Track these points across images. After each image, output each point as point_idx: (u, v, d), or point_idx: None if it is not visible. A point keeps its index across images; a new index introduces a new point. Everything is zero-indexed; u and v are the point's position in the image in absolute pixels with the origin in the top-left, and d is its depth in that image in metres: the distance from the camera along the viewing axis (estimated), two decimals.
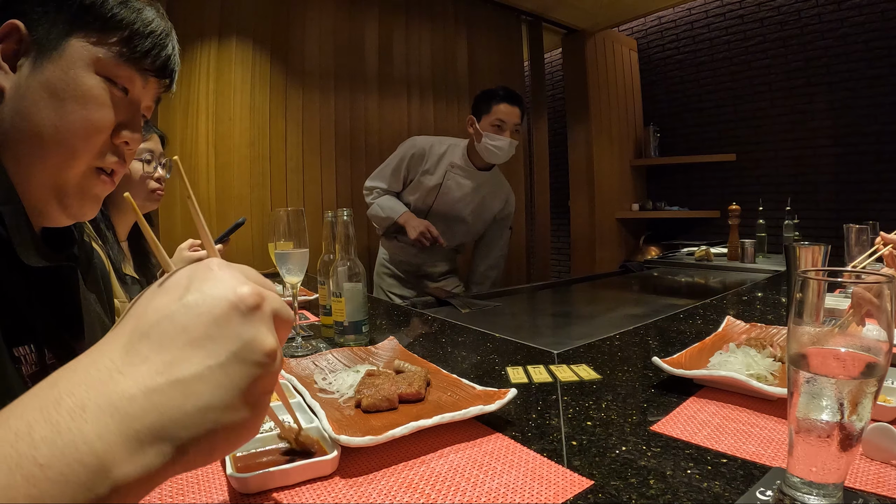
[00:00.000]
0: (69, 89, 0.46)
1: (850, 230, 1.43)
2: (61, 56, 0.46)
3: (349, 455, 0.53)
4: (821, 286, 0.40)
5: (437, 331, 1.12)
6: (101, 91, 0.48)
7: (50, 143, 0.46)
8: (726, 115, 3.40)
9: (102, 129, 0.48)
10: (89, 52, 0.47)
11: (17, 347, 0.44)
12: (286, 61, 2.44)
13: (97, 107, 0.47)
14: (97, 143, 0.48)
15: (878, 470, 0.46)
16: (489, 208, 2.03)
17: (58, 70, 0.46)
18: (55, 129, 0.46)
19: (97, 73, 0.47)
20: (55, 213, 0.50)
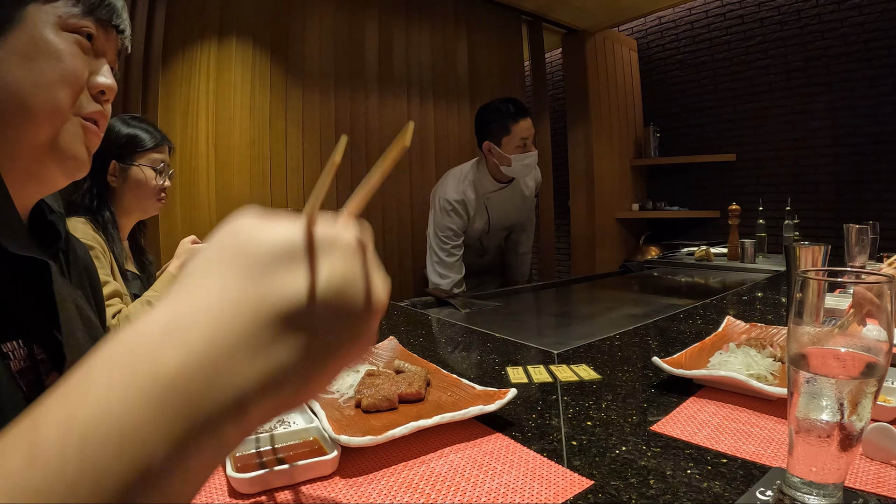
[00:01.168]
0: (39, 49, 0.48)
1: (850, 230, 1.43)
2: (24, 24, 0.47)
3: (349, 455, 0.53)
4: (821, 286, 0.40)
5: (437, 331, 1.12)
6: (70, 44, 0.50)
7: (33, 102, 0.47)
8: (726, 115, 3.40)
9: (79, 77, 0.50)
10: (47, 13, 0.49)
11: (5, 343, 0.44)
12: (286, 61, 2.44)
13: (70, 58, 0.49)
14: (76, 92, 0.50)
15: (878, 470, 0.46)
16: (528, 197, 2.10)
17: (24, 36, 0.47)
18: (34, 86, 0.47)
19: (62, 30, 0.49)
20: (53, 173, 0.51)
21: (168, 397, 0.19)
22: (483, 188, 1.94)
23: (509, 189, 1.97)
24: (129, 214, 1.22)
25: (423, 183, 2.88)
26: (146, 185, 1.19)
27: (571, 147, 3.68)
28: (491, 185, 1.93)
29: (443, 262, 1.96)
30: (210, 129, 2.23)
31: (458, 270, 1.95)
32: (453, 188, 1.96)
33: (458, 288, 1.94)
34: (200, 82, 2.20)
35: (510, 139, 1.80)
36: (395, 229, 2.77)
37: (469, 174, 1.96)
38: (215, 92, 2.24)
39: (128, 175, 1.17)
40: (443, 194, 1.98)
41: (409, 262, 2.81)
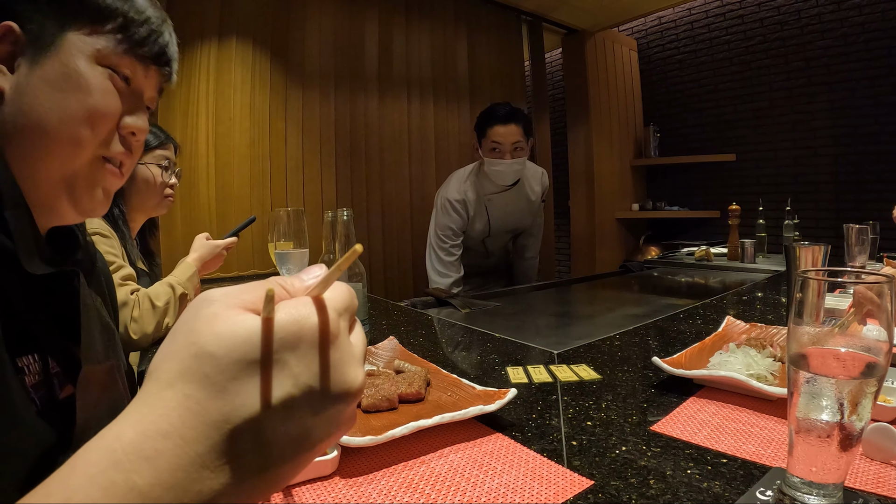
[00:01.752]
0: (70, 81, 0.46)
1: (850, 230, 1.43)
2: (59, 50, 0.46)
3: (349, 455, 0.53)
4: (821, 286, 0.40)
5: (437, 331, 1.12)
6: (103, 80, 0.48)
7: (55, 135, 0.46)
8: (726, 115, 3.40)
9: (107, 117, 0.48)
10: (86, 44, 0.47)
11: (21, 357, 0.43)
12: (286, 61, 2.44)
13: (100, 95, 0.47)
14: (102, 132, 0.49)
15: (878, 470, 0.46)
16: (532, 201, 2.10)
17: (57, 63, 0.46)
18: (59, 120, 0.46)
19: (98, 64, 0.48)
20: (66, 210, 0.50)
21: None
22: (484, 189, 1.94)
23: (512, 192, 1.97)
24: (137, 212, 1.24)
25: (422, 183, 2.88)
26: (152, 182, 1.21)
27: (571, 147, 3.68)
28: (492, 187, 1.93)
29: (441, 260, 1.95)
30: (210, 129, 2.23)
31: (456, 270, 1.94)
32: (455, 188, 1.96)
33: (458, 287, 1.94)
34: (200, 82, 2.20)
35: (485, 141, 1.82)
36: (394, 229, 2.78)
37: (472, 175, 1.96)
38: (215, 92, 2.24)
39: (134, 173, 1.19)
40: (444, 193, 1.98)
41: (409, 263, 2.82)
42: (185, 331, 0.23)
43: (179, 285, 1.07)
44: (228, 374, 0.22)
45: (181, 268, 1.14)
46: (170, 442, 0.21)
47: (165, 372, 0.22)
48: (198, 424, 0.21)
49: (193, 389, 0.22)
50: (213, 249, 1.24)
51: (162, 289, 1.04)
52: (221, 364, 0.22)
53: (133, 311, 0.96)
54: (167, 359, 0.23)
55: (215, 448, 0.21)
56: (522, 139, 1.81)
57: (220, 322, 0.23)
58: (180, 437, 0.21)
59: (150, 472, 0.20)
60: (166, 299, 1.02)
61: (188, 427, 0.21)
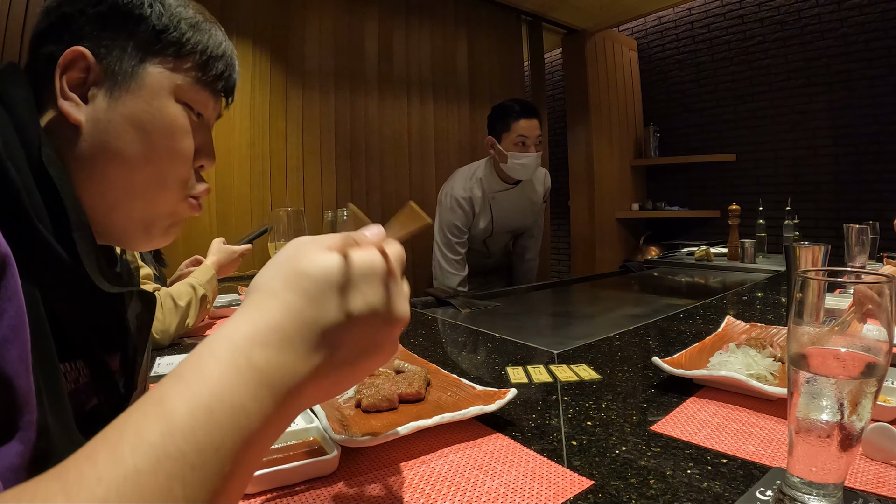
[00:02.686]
0: (155, 121, 0.45)
1: (850, 230, 1.43)
2: (141, 86, 0.45)
3: (349, 455, 0.53)
4: (821, 286, 0.40)
5: (437, 331, 1.12)
6: (184, 119, 0.48)
7: (141, 177, 0.46)
8: (726, 115, 3.40)
9: (188, 157, 0.49)
10: (168, 80, 0.46)
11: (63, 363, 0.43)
12: (286, 61, 2.44)
13: (182, 136, 0.47)
14: (184, 172, 0.49)
15: (878, 470, 0.46)
16: (535, 201, 2.11)
17: (140, 101, 0.45)
18: (145, 160, 0.45)
19: (177, 101, 0.47)
20: (138, 241, 0.50)
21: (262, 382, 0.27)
22: (490, 187, 1.94)
23: (516, 191, 1.97)
24: None
25: (422, 183, 2.88)
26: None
27: (571, 147, 3.68)
28: (497, 185, 1.94)
29: (448, 259, 1.95)
30: None
31: (463, 268, 1.94)
32: (461, 185, 1.96)
33: (465, 286, 1.93)
34: None
35: (509, 135, 1.82)
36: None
37: (477, 172, 1.97)
38: None
39: None
40: (450, 191, 1.98)
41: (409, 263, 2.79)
42: (286, 258, 0.31)
43: (200, 286, 1.08)
44: (319, 291, 0.30)
45: (201, 270, 1.16)
46: (276, 334, 0.28)
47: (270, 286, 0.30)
48: (296, 323, 0.29)
49: (294, 298, 0.29)
50: (231, 254, 1.26)
51: (184, 289, 1.05)
52: (316, 282, 0.30)
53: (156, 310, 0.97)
54: (272, 278, 0.31)
55: (308, 341, 0.29)
56: (542, 133, 1.86)
57: (315, 254, 0.31)
58: (284, 330, 0.28)
59: (264, 354, 0.28)
60: (188, 299, 1.03)
61: (289, 323, 0.29)
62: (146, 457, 0.23)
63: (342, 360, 0.31)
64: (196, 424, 0.24)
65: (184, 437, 0.24)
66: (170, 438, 0.24)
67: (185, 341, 1.02)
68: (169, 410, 0.25)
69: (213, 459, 0.24)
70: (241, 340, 0.28)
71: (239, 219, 2.30)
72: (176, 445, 0.24)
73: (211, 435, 0.25)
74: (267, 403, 0.27)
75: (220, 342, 0.28)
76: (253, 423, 0.26)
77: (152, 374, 0.81)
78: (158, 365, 0.86)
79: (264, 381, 0.27)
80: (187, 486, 0.23)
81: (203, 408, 0.25)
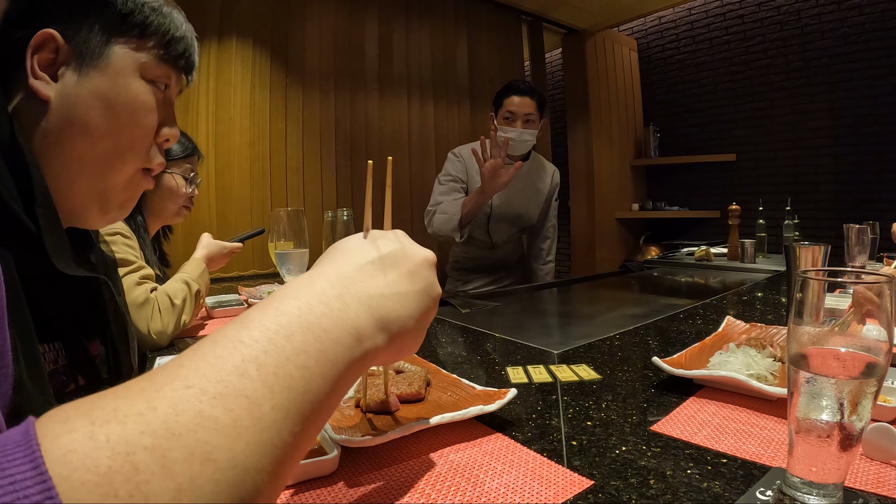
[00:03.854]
0: (121, 97, 0.48)
1: (850, 230, 1.43)
2: (108, 64, 0.48)
3: (349, 455, 0.53)
4: (821, 286, 0.40)
5: (437, 331, 1.12)
6: (148, 96, 0.50)
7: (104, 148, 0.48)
8: (726, 115, 3.40)
9: (150, 131, 0.51)
10: (133, 58, 0.49)
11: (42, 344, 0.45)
12: (286, 61, 2.44)
13: (147, 111, 0.50)
14: (146, 146, 0.51)
15: (878, 470, 0.46)
16: (540, 191, 2.12)
17: (107, 78, 0.47)
18: (108, 133, 0.48)
19: (142, 78, 0.50)
20: (93, 217, 0.52)
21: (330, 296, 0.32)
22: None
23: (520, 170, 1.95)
24: (155, 218, 1.26)
25: (422, 183, 2.88)
26: (177, 192, 1.23)
27: (571, 147, 3.68)
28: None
29: (438, 202, 1.93)
30: (210, 129, 2.23)
31: (456, 209, 1.89)
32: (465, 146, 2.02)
33: (462, 229, 1.88)
34: (200, 82, 2.20)
35: (501, 111, 1.88)
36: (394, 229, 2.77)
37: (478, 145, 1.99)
38: (215, 92, 2.24)
39: (160, 181, 1.21)
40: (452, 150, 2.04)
41: None
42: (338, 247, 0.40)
43: (193, 281, 1.08)
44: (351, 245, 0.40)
45: (192, 264, 1.15)
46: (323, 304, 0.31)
47: (333, 255, 0.38)
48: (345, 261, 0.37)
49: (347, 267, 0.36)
50: (221, 249, 1.26)
51: (178, 285, 1.04)
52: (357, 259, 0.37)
53: (153, 310, 0.97)
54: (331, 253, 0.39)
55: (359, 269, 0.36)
56: (535, 113, 1.86)
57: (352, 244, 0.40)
58: (340, 265, 0.36)
59: (325, 313, 0.31)
60: (183, 296, 1.03)
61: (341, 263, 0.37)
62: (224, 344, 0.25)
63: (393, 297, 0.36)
64: (265, 320, 0.28)
65: (256, 328, 0.27)
66: (243, 330, 0.26)
67: (187, 340, 1.02)
68: (240, 318, 0.28)
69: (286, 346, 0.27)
70: (320, 287, 0.32)
71: (239, 219, 2.30)
72: (248, 334, 0.26)
73: (281, 326, 0.27)
74: (334, 306, 0.31)
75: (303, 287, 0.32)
76: (322, 321, 0.29)
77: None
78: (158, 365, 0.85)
79: (326, 292, 0.32)
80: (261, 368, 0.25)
81: (273, 309, 0.29)
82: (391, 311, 0.35)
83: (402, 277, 0.37)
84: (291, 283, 0.33)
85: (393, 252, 0.38)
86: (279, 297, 0.30)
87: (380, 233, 0.41)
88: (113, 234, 1.03)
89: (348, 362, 0.30)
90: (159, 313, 0.97)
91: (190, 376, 0.23)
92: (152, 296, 0.98)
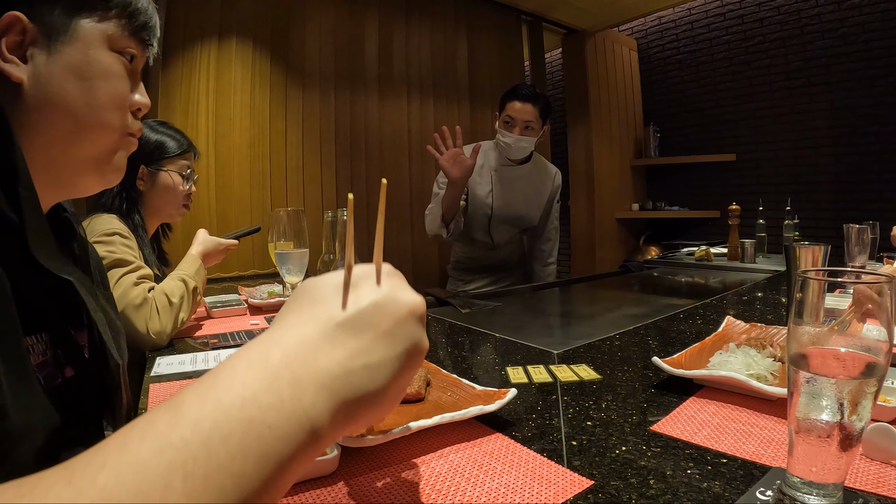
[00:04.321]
0: (93, 68, 0.49)
1: (850, 230, 1.43)
2: (76, 39, 0.49)
3: (349, 455, 0.53)
4: (821, 286, 0.40)
5: (437, 331, 1.12)
6: (119, 65, 0.52)
7: (85, 121, 0.49)
8: (726, 115, 3.40)
9: (126, 99, 0.53)
10: (100, 31, 0.50)
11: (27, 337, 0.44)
12: (286, 61, 2.44)
13: (119, 80, 0.52)
14: (125, 112, 0.53)
15: (878, 470, 0.46)
16: (541, 192, 2.11)
17: (77, 52, 0.48)
18: (88, 107, 0.49)
19: (110, 49, 0.51)
20: (92, 183, 0.54)
21: (276, 374, 0.27)
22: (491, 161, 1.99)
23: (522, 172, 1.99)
24: (153, 217, 1.25)
25: (422, 184, 2.88)
26: (174, 190, 1.22)
27: (571, 147, 3.68)
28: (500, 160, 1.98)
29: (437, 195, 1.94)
30: (210, 129, 2.23)
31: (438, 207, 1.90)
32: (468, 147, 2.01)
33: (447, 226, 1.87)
34: (200, 82, 2.20)
35: (502, 114, 1.90)
36: (394, 229, 2.78)
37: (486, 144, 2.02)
38: (215, 92, 2.24)
39: (156, 180, 1.20)
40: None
41: (409, 263, 2.82)
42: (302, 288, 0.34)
43: (190, 279, 1.07)
44: (327, 298, 0.32)
45: (188, 261, 1.14)
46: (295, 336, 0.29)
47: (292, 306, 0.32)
48: (308, 322, 0.31)
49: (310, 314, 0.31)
50: (217, 246, 1.24)
51: (175, 283, 1.04)
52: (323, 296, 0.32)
53: (152, 310, 0.97)
54: (290, 303, 0.33)
55: (328, 336, 0.30)
56: (535, 121, 1.87)
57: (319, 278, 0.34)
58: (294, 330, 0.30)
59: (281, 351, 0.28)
60: (180, 294, 1.02)
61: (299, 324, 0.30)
62: (152, 444, 0.23)
63: (369, 347, 0.31)
64: (202, 414, 0.24)
65: (188, 425, 0.24)
66: (175, 428, 0.23)
67: (186, 341, 1.02)
68: (178, 402, 0.25)
69: (220, 451, 0.23)
70: (266, 355, 0.28)
71: (239, 219, 2.30)
72: (179, 433, 0.23)
73: (217, 424, 0.24)
74: (285, 395, 0.26)
75: (253, 353, 0.28)
76: (267, 417, 0.25)
77: (152, 374, 0.81)
78: (159, 365, 0.85)
79: (279, 374, 0.27)
80: (188, 478, 0.22)
81: (212, 399, 0.25)
82: (358, 390, 0.29)
83: (378, 341, 0.31)
84: (246, 350, 0.29)
85: (371, 305, 0.32)
86: (224, 376, 0.27)
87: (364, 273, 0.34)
88: (111, 234, 1.03)
89: (298, 457, 0.26)
90: (157, 313, 0.97)
91: (109, 485, 0.21)
92: (150, 295, 0.98)
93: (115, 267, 0.98)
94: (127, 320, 0.93)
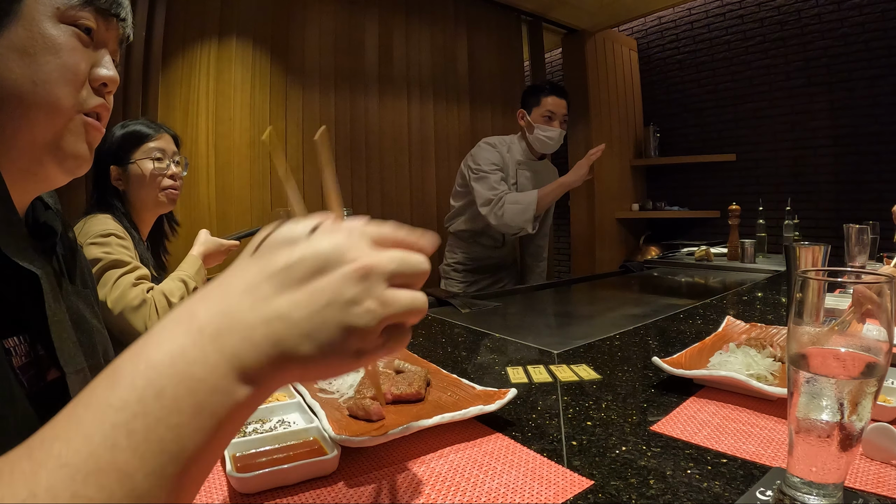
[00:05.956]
0: (38, 44, 0.47)
1: (850, 230, 1.43)
2: (20, 17, 0.46)
3: (349, 455, 0.53)
4: (821, 286, 0.40)
5: (437, 331, 1.12)
6: (69, 37, 0.49)
7: (32, 100, 0.47)
8: (726, 115, 3.40)
9: (79, 73, 0.49)
10: (46, 5, 0.48)
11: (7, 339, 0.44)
12: (286, 61, 2.44)
13: (69, 52, 0.48)
14: (77, 88, 0.49)
15: (878, 470, 0.46)
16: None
17: (22, 30, 0.46)
18: (33, 83, 0.46)
19: (61, 22, 0.48)
20: (52, 171, 0.50)
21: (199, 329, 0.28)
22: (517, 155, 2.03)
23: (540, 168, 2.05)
24: (141, 211, 1.22)
25: (422, 183, 2.88)
26: (144, 178, 1.18)
27: (571, 147, 3.68)
28: (524, 156, 2.03)
29: (498, 190, 1.92)
30: (210, 129, 2.23)
31: (530, 199, 1.91)
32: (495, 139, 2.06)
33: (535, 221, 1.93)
34: (200, 82, 2.20)
35: (538, 109, 1.94)
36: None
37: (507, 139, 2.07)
38: (215, 92, 2.24)
39: (129, 175, 1.18)
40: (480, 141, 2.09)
41: None
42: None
43: (190, 279, 1.07)
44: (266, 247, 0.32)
45: (188, 262, 1.14)
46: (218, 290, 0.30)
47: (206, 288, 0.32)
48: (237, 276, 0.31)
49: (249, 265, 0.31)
50: (219, 246, 1.23)
51: (175, 284, 1.04)
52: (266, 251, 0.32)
53: (151, 311, 0.96)
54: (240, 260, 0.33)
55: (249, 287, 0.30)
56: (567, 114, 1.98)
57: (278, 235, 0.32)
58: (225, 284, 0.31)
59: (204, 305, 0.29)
60: (180, 294, 1.02)
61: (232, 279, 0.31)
62: (95, 409, 0.25)
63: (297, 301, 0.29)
64: (136, 374, 0.26)
65: (125, 386, 0.25)
66: (114, 390, 0.25)
67: None
68: (115, 366, 0.27)
69: (156, 406, 0.25)
70: (186, 302, 0.30)
71: (239, 219, 2.30)
72: (118, 395, 0.25)
73: (150, 381, 0.25)
74: (208, 349, 0.27)
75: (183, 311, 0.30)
76: (194, 370, 0.26)
77: None
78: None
79: (203, 329, 0.28)
80: (131, 435, 0.24)
81: (144, 358, 0.27)
82: (280, 341, 0.29)
83: (298, 293, 0.30)
84: (176, 312, 0.30)
85: (298, 259, 0.30)
86: (154, 335, 0.28)
87: (328, 226, 0.33)
88: (107, 236, 1.03)
89: (231, 408, 0.27)
90: (157, 314, 0.97)
91: (63, 453, 0.23)
92: (149, 296, 0.98)
93: (113, 268, 0.98)
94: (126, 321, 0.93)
